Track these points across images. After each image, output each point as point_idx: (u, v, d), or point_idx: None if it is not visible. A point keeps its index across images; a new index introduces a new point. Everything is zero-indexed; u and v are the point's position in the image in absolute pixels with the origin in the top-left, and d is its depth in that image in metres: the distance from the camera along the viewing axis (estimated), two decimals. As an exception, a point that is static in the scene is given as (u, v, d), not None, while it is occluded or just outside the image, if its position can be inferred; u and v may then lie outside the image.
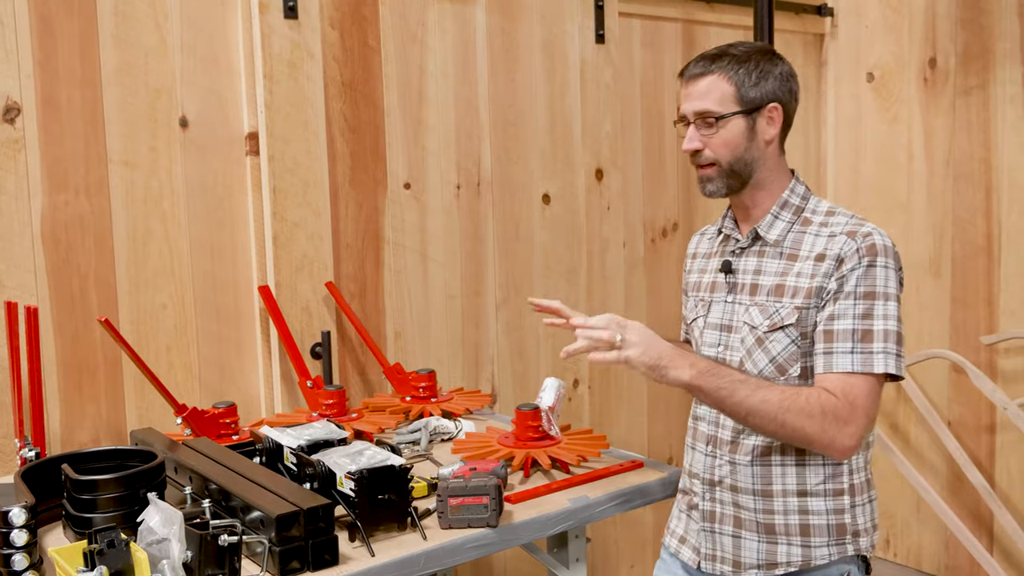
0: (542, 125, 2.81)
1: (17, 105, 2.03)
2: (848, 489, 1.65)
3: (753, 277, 1.69)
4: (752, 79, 1.65)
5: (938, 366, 3.38)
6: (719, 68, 1.66)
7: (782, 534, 1.65)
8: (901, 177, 3.47)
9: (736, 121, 1.65)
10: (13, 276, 2.04)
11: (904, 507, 3.57)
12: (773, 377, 1.63)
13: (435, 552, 1.57)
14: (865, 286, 1.57)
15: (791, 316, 1.61)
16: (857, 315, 1.56)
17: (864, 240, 1.59)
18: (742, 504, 1.68)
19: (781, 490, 1.65)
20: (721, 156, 1.67)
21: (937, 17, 3.32)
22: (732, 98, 1.65)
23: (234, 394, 2.35)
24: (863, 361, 1.55)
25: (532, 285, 2.81)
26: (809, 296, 1.60)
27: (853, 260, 1.58)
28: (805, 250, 1.64)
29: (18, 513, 1.42)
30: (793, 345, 1.61)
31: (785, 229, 1.68)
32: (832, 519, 1.64)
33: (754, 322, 1.66)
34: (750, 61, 1.66)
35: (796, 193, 1.71)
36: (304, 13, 2.32)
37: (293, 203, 2.34)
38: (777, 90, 1.68)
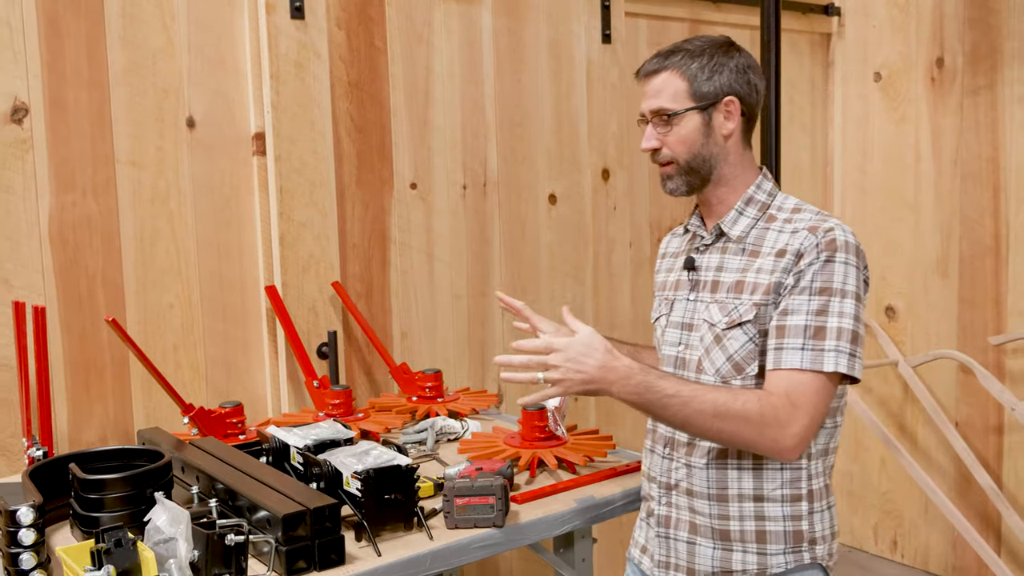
0: (548, 125, 2.81)
1: (25, 106, 2.04)
2: (806, 495, 1.59)
3: (715, 274, 1.65)
4: (705, 73, 1.61)
5: (946, 367, 3.37)
6: (672, 64, 1.62)
7: (737, 540, 1.59)
8: (909, 177, 3.46)
9: (691, 117, 1.61)
10: (21, 276, 2.05)
11: (911, 508, 3.56)
12: (730, 376, 1.58)
13: (441, 552, 1.57)
14: (821, 281, 1.51)
15: (749, 313, 1.56)
16: (811, 311, 1.50)
17: (825, 235, 1.53)
18: (697, 509, 1.62)
19: (737, 495, 1.59)
20: (678, 154, 1.63)
21: (945, 16, 3.31)
22: (685, 94, 1.61)
23: (241, 394, 2.35)
24: (813, 359, 1.49)
25: (538, 285, 2.81)
26: (768, 292, 1.55)
27: (812, 255, 1.53)
28: (767, 246, 1.59)
29: (26, 512, 1.42)
30: (751, 343, 1.56)
31: (749, 225, 1.63)
32: (789, 525, 1.59)
33: (713, 319, 1.61)
34: (703, 55, 1.62)
35: (763, 189, 1.66)
36: (311, 13, 2.33)
37: (300, 203, 2.34)
38: (733, 83, 1.62)
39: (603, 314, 2.95)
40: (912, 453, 3.46)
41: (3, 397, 2.03)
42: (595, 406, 2.96)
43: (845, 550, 3.78)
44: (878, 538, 3.69)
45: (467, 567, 2.58)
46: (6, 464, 2.05)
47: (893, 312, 3.54)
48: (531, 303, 2.79)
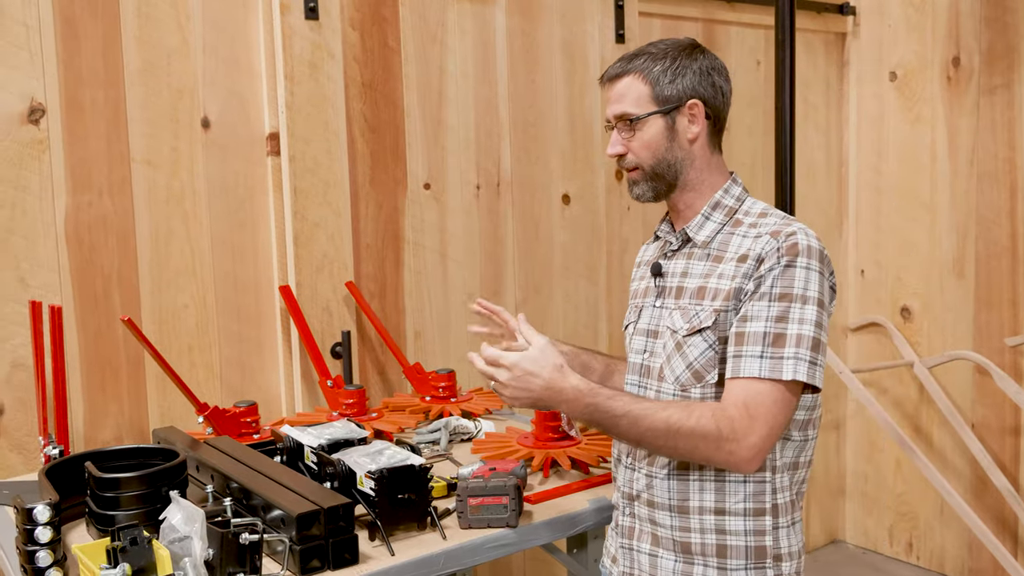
0: (562, 125, 2.81)
1: (41, 106, 2.05)
2: (770, 509, 1.53)
3: (680, 280, 1.62)
4: (668, 76, 1.58)
5: (962, 368, 3.35)
6: (634, 68, 1.60)
7: (698, 554, 1.55)
8: (924, 177, 3.44)
9: (654, 121, 1.59)
10: (37, 276, 2.06)
11: (927, 510, 3.54)
12: (689, 384, 1.54)
13: (454, 552, 1.57)
14: (781, 287, 1.47)
15: (709, 319, 1.52)
16: (770, 317, 1.46)
17: (786, 239, 1.49)
18: (658, 521, 1.59)
19: (698, 507, 1.54)
20: (643, 159, 1.60)
21: (961, 15, 3.29)
22: (648, 98, 1.58)
23: (255, 393, 2.36)
24: (771, 367, 1.44)
25: (552, 285, 2.81)
26: (728, 298, 1.51)
27: (772, 260, 1.48)
28: (731, 251, 1.56)
29: (42, 510, 1.43)
30: (711, 350, 1.52)
31: (715, 230, 1.60)
32: (751, 540, 1.53)
33: (675, 326, 1.57)
34: (666, 58, 1.59)
35: (730, 194, 1.63)
36: (325, 14, 2.33)
37: (314, 203, 2.35)
38: (697, 85, 1.59)
39: (616, 315, 2.95)
40: (928, 454, 3.44)
41: (20, 396, 2.05)
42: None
43: (859, 552, 3.76)
44: (893, 540, 3.67)
45: (480, 567, 2.58)
46: (23, 462, 2.06)
47: (908, 313, 3.52)
48: (544, 303, 2.79)
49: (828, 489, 3.79)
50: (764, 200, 1.72)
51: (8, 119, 2.01)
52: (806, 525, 3.73)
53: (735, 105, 3.26)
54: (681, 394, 1.55)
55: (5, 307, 2.03)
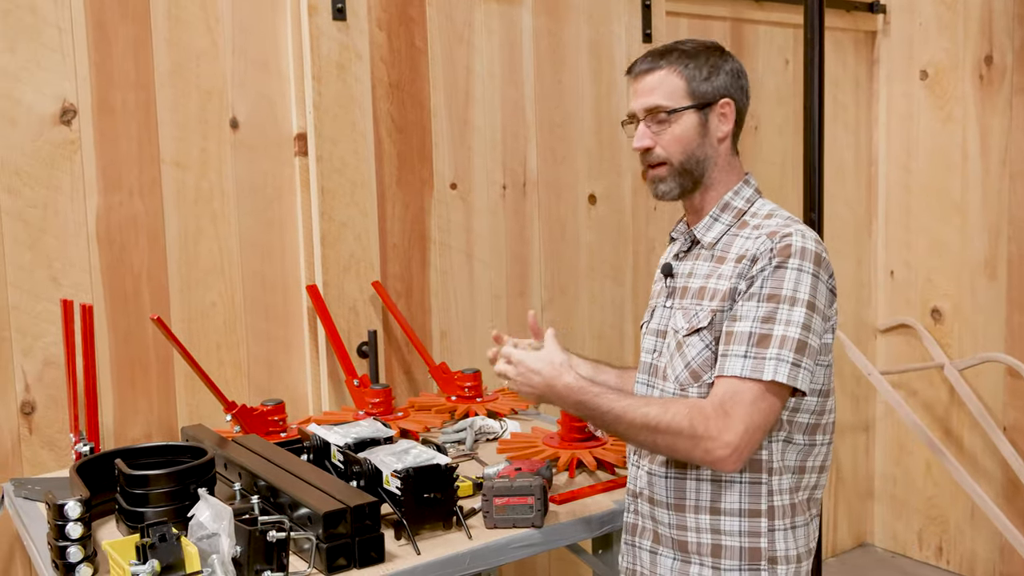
0: (588, 126, 2.80)
1: (73, 107, 2.08)
2: (766, 511, 1.52)
3: (686, 280, 1.62)
4: (703, 73, 1.58)
5: (993, 370, 3.31)
6: (668, 63, 1.59)
7: (694, 552, 1.55)
8: (955, 177, 3.40)
9: (688, 116, 1.57)
10: (69, 275, 2.09)
11: (958, 513, 3.50)
12: (687, 383, 1.54)
13: (480, 551, 1.58)
14: (771, 287, 1.46)
15: (706, 319, 1.53)
16: (757, 318, 1.45)
17: (781, 241, 1.48)
18: (658, 518, 1.60)
19: (694, 506, 1.55)
20: (672, 154, 1.59)
21: (994, 13, 3.25)
22: (683, 92, 1.57)
23: (282, 392, 2.37)
24: (753, 366, 1.43)
25: (578, 286, 2.81)
26: (724, 299, 1.52)
27: (764, 260, 1.48)
28: (733, 252, 1.55)
29: (73, 506, 1.45)
30: (707, 350, 1.52)
31: (722, 232, 1.59)
32: (746, 541, 1.52)
33: (677, 326, 1.58)
34: (699, 56, 1.59)
35: (741, 195, 1.62)
36: (352, 15, 2.34)
37: (341, 203, 2.36)
38: (729, 86, 1.59)
39: (642, 315, 2.93)
40: (958, 458, 3.40)
41: (51, 393, 2.07)
42: (634, 407, 2.95)
43: (888, 555, 3.73)
44: (923, 544, 3.63)
45: (505, 567, 2.58)
46: (54, 459, 2.08)
47: (939, 314, 3.48)
48: (570, 304, 2.79)
49: (857, 492, 3.76)
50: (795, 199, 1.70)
51: (41, 120, 2.04)
52: (833, 528, 3.70)
53: (765, 104, 3.27)
54: (680, 393, 1.55)
55: (37, 306, 2.05)
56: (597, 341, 2.84)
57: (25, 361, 2.05)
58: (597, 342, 2.84)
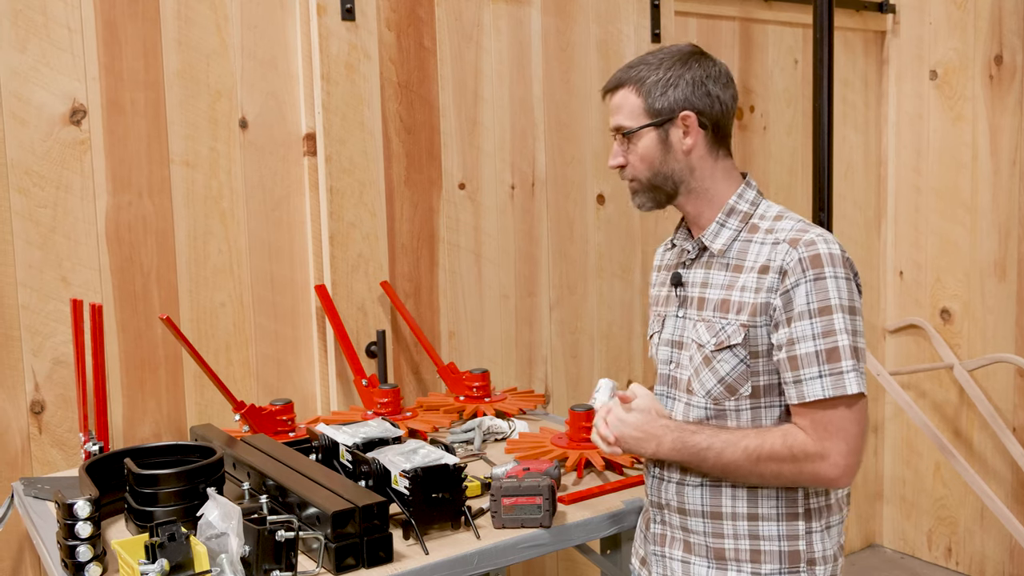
0: (596, 125, 2.80)
1: (83, 107, 2.08)
2: (803, 514, 1.54)
3: (700, 290, 1.60)
4: (659, 89, 1.57)
5: (1003, 371, 3.30)
6: (629, 80, 1.60)
7: (732, 560, 1.55)
8: (965, 177, 3.39)
9: (647, 134, 1.58)
10: (79, 274, 2.09)
11: (967, 514, 3.49)
12: (722, 397, 1.54)
13: (488, 551, 1.58)
14: (818, 302, 1.46)
15: (737, 335, 1.51)
16: (817, 334, 1.45)
17: (807, 250, 1.47)
18: (691, 527, 1.59)
19: (731, 513, 1.55)
20: (639, 171, 1.60)
21: (1004, 12, 3.24)
22: (641, 110, 1.58)
23: (291, 392, 2.38)
24: (833, 383, 1.45)
25: (586, 286, 2.81)
26: (755, 313, 1.50)
27: (797, 273, 1.47)
28: (750, 260, 1.54)
29: (83, 506, 1.45)
30: (742, 364, 1.52)
31: (731, 238, 1.58)
32: (785, 545, 1.54)
33: (701, 340, 1.56)
34: (660, 68, 1.58)
35: (745, 199, 1.60)
36: (361, 15, 2.34)
37: (349, 203, 2.36)
38: (690, 96, 1.56)
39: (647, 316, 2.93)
40: (968, 459, 3.39)
41: (61, 393, 2.08)
42: (643, 407, 2.94)
43: (898, 556, 3.71)
44: (932, 545, 3.62)
45: (513, 567, 2.58)
46: (64, 458, 2.09)
47: (948, 315, 3.47)
48: (578, 303, 2.79)
49: (866, 493, 3.75)
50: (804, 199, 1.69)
51: (51, 120, 2.05)
52: (843, 529, 3.69)
53: (774, 104, 3.26)
54: (714, 407, 1.55)
55: (47, 305, 2.06)
56: (605, 340, 2.84)
57: (35, 360, 2.06)
58: (605, 341, 2.84)
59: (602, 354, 2.85)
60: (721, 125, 1.60)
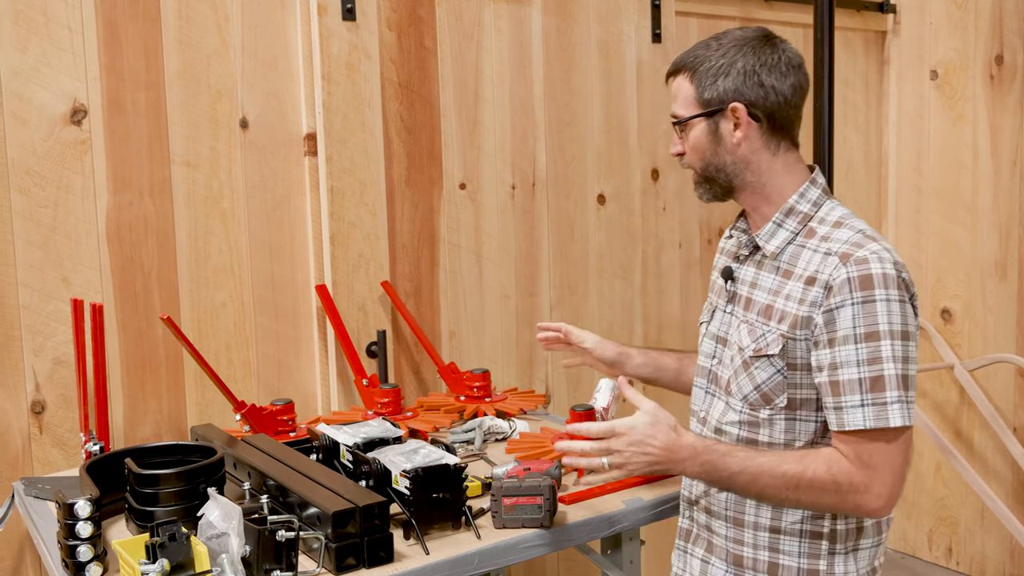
0: (597, 125, 2.80)
1: (84, 107, 2.08)
2: (828, 534, 1.49)
3: (749, 290, 1.55)
4: (709, 78, 1.50)
5: (1004, 371, 3.30)
6: (685, 66, 1.54)
7: (749, 568, 1.53)
8: (966, 177, 3.39)
9: (697, 125, 1.52)
10: (80, 274, 2.09)
11: (968, 515, 3.48)
12: (758, 404, 1.49)
13: (489, 551, 1.58)
14: (865, 326, 1.38)
15: (775, 345, 1.46)
16: (862, 361, 1.38)
17: (858, 268, 1.39)
18: (714, 529, 1.57)
19: (753, 522, 1.52)
20: (693, 161, 1.56)
21: (1004, 12, 3.24)
22: (692, 100, 1.52)
23: (291, 391, 2.38)
24: (876, 415, 1.37)
25: (587, 286, 2.81)
26: (795, 326, 1.44)
27: (843, 293, 1.39)
28: (800, 268, 1.47)
29: (83, 505, 1.45)
30: (779, 375, 1.47)
31: (785, 240, 1.50)
32: (804, 563, 1.49)
33: (742, 343, 1.52)
34: (714, 56, 1.51)
35: (807, 198, 1.52)
36: (362, 15, 2.34)
37: (350, 203, 2.36)
38: (740, 87, 1.49)
39: (652, 315, 2.93)
40: (968, 459, 3.39)
41: (62, 393, 2.08)
42: (643, 407, 2.94)
43: (898, 556, 3.71)
44: (932, 545, 3.62)
45: (514, 567, 2.58)
46: (64, 458, 2.09)
47: (949, 315, 3.47)
48: (579, 303, 2.79)
49: (866, 493, 3.74)
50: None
51: (51, 120, 2.05)
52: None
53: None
54: (750, 412, 1.51)
55: (48, 305, 2.06)
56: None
57: (36, 360, 2.06)
58: (606, 342, 2.84)
59: (603, 354, 2.84)
60: (778, 117, 1.52)
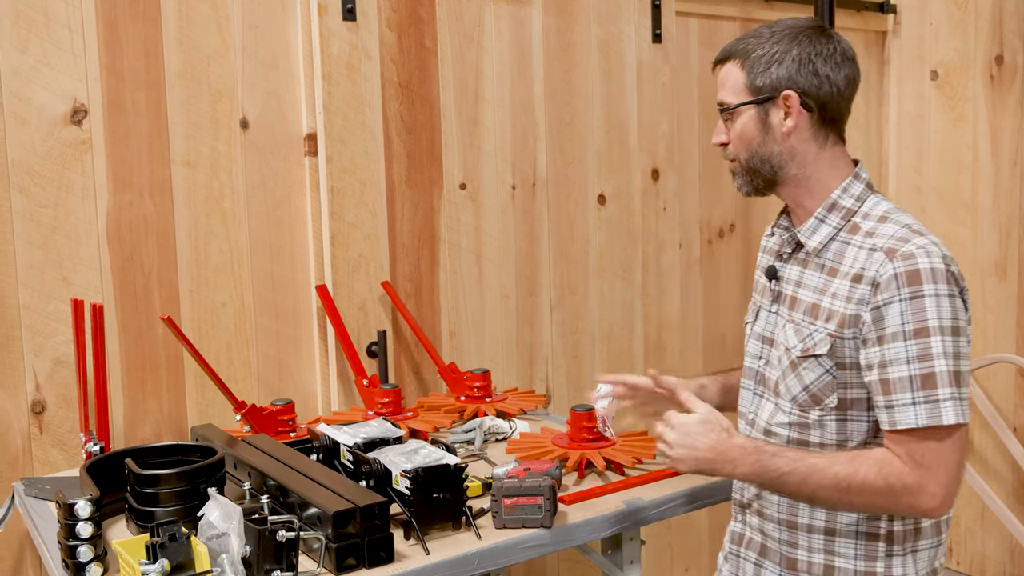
0: (598, 125, 2.80)
1: (84, 107, 2.08)
2: (885, 535, 1.46)
3: (794, 289, 1.52)
4: (762, 65, 1.47)
5: (1004, 371, 3.30)
6: (736, 54, 1.51)
7: (804, 572, 1.51)
8: (966, 177, 3.39)
9: (747, 112, 1.49)
10: (80, 274, 2.09)
11: (968, 514, 3.48)
12: (807, 405, 1.47)
13: (489, 552, 1.58)
14: (914, 322, 1.35)
15: (823, 344, 1.44)
16: (912, 357, 1.35)
17: (905, 264, 1.36)
18: (768, 532, 1.56)
19: (807, 525, 1.50)
20: (738, 151, 1.52)
21: (1005, 12, 3.24)
22: (743, 87, 1.49)
23: (292, 392, 2.38)
24: (928, 412, 1.34)
25: (587, 286, 2.80)
26: (844, 325, 1.42)
27: (891, 289, 1.36)
28: (846, 265, 1.44)
29: (84, 506, 1.45)
30: (828, 375, 1.45)
31: (828, 236, 1.48)
32: (861, 565, 1.46)
33: (789, 343, 1.49)
34: (767, 43, 1.49)
35: (850, 193, 1.50)
36: (362, 15, 2.34)
37: (350, 203, 2.36)
38: (794, 75, 1.46)
39: (652, 315, 2.93)
40: (968, 459, 3.39)
41: (62, 393, 2.08)
42: (643, 407, 2.94)
43: (898, 557, 3.71)
44: (933, 545, 3.61)
45: (514, 567, 2.58)
46: (64, 458, 2.09)
47: (949, 315, 3.46)
48: (579, 303, 2.79)
49: (866, 493, 3.74)
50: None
51: (52, 120, 2.05)
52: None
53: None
54: (800, 414, 1.50)
55: (48, 305, 2.06)
56: (606, 341, 2.84)
57: (36, 361, 2.06)
58: (606, 342, 2.84)
59: (603, 354, 2.85)
60: (830, 108, 1.51)
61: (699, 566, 3.16)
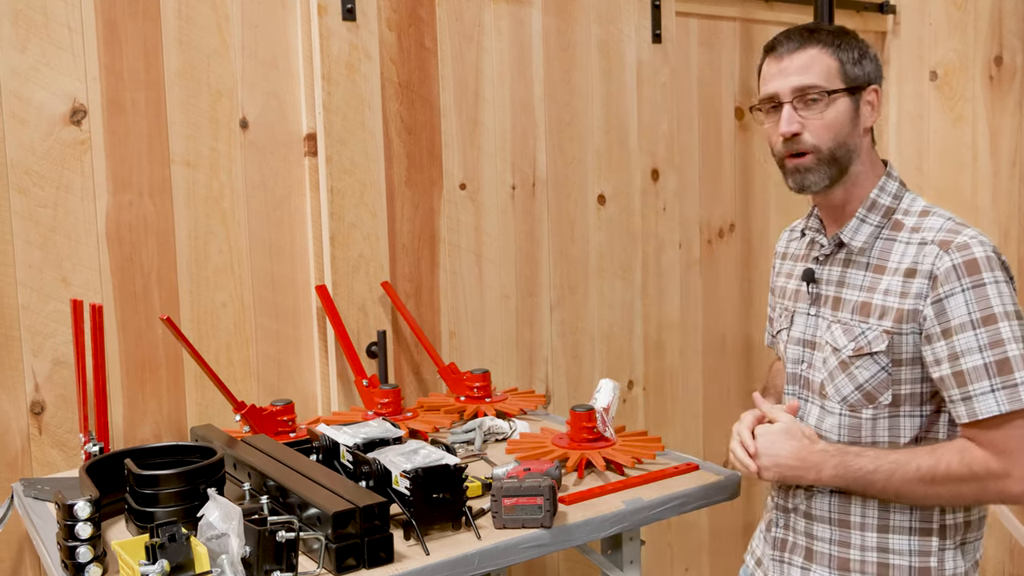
0: (598, 125, 2.80)
1: (83, 107, 2.08)
2: (938, 530, 1.47)
3: (836, 289, 1.52)
4: (854, 55, 1.47)
5: (1003, 371, 3.29)
6: (820, 42, 1.48)
7: (857, 571, 1.50)
8: (966, 177, 3.39)
9: (842, 100, 1.46)
10: (79, 275, 2.09)
11: (967, 515, 3.48)
12: (859, 404, 1.47)
13: (489, 552, 1.57)
14: (980, 311, 1.36)
15: (880, 341, 1.44)
16: (984, 345, 1.36)
17: (961, 255, 1.38)
18: (816, 534, 1.55)
19: (859, 523, 1.50)
20: (823, 141, 1.47)
21: (1004, 13, 3.24)
22: (837, 74, 1.46)
23: (291, 392, 2.38)
24: (1008, 397, 1.35)
25: (587, 286, 2.80)
26: (901, 320, 1.42)
27: (951, 281, 1.38)
28: (894, 261, 1.45)
29: (83, 506, 1.45)
30: (883, 372, 1.44)
31: (872, 235, 1.49)
32: (916, 561, 1.47)
33: (837, 343, 1.49)
34: (847, 36, 1.49)
35: (887, 191, 1.51)
36: (362, 15, 2.34)
37: (350, 203, 2.36)
38: (875, 72, 1.50)
39: (652, 316, 2.93)
40: (968, 459, 3.39)
41: (61, 393, 2.08)
42: (644, 407, 2.95)
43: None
44: (932, 545, 3.61)
45: (514, 567, 2.58)
46: (64, 459, 2.09)
47: (949, 315, 3.47)
48: (579, 303, 2.79)
49: (866, 493, 3.74)
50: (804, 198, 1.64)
51: (51, 120, 2.05)
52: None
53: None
54: (850, 414, 1.50)
55: (47, 305, 2.06)
56: (606, 341, 2.84)
57: (35, 361, 2.05)
58: (606, 342, 2.84)
59: (603, 354, 2.85)
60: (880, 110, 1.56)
61: (699, 566, 3.16)
